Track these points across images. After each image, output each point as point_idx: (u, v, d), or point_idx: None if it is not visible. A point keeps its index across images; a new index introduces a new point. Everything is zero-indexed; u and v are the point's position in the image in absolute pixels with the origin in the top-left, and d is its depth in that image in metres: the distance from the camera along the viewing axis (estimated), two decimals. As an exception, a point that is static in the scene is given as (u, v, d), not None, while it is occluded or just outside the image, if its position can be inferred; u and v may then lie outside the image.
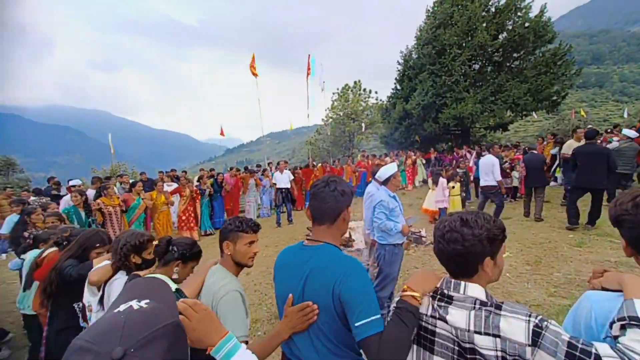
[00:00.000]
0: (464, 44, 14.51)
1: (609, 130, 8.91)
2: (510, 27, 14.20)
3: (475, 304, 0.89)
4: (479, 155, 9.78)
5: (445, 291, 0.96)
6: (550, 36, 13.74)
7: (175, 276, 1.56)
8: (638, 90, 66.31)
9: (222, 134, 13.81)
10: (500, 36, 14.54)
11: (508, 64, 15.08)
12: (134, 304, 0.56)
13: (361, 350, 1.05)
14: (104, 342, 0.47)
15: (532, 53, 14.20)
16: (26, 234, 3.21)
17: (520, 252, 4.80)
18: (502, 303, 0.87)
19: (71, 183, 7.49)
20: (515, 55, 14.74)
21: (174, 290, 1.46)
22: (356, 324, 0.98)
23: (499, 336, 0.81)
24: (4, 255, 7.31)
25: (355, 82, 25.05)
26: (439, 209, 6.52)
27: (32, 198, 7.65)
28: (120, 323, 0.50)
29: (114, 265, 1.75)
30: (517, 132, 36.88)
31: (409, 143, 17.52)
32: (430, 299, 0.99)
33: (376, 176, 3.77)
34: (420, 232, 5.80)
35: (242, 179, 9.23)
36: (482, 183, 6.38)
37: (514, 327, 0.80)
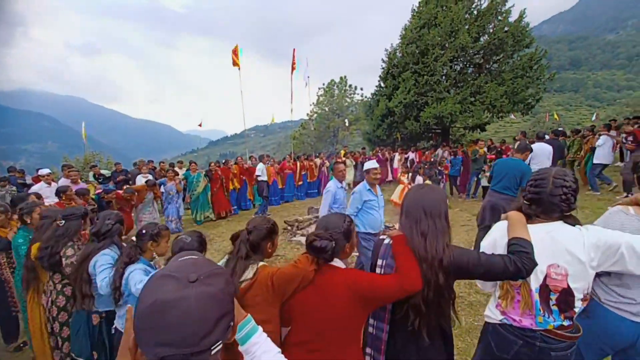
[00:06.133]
0: (446, 45, 14.76)
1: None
2: (491, 30, 14.56)
3: None
4: (454, 154, 10.07)
5: None
6: (528, 41, 14.21)
7: None
8: (610, 96, 69.67)
9: (200, 125, 13.50)
10: (481, 39, 14.90)
11: (487, 66, 15.48)
12: (191, 256, 0.68)
13: None
14: (181, 271, 0.60)
15: (511, 57, 14.64)
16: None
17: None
18: None
19: (40, 172, 7.05)
20: (494, 58, 15.14)
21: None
22: None
23: None
24: None
25: (341, 78, 25.08)
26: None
27: (-5, 187, 7.27)
28: (190, 262, 0.64)
29: None
30: (497, 132, 38.08)
31: (391, 141, 17.77)
32: None
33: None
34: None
35: (137, 191, 6.66)
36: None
37: None
